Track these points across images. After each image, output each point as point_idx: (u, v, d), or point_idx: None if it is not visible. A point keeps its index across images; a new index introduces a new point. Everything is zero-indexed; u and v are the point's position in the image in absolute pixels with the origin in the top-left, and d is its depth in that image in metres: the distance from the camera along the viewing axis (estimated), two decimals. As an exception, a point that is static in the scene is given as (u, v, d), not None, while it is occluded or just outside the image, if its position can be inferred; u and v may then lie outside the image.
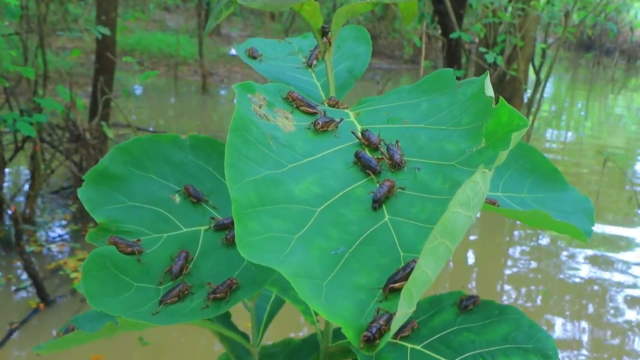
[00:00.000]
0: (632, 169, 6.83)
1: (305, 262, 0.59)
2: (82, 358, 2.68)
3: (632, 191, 5.84)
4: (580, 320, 3.44)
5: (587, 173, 6.42)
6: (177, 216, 0.92)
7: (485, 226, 4.91)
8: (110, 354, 2.73)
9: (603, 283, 3.90)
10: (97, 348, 2.75)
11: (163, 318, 0.79)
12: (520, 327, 0.99)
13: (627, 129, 9.31)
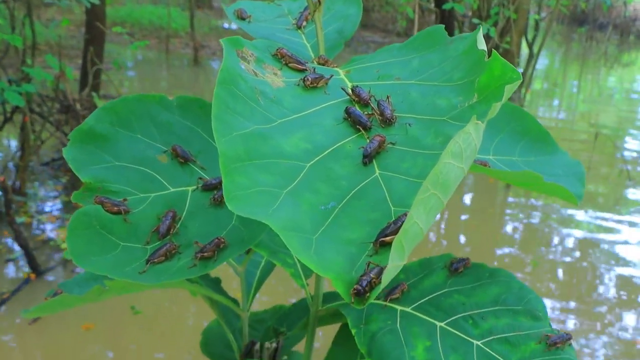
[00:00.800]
0: (622, 143, 6.84)
1: (295, 217, 0.58)
2: (73, 328, 2.67)
3: (622, 165, 5.85)
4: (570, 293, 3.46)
5: (579, 148, 6.42)
6: (165, 176, 0.90)
7: (477, 199, 4.92)
8: (102, 323, 2.72)
9: (594, 256, 3.92)
10: (88, 317, 2.75)
11: (150, 277, 0.78)
12: (510, 289, 0.99)
13: (619, 104, 9.31)
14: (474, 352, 0.90)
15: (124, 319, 2.77)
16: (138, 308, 2.84)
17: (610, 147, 6.37)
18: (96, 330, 2.67)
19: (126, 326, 2.74)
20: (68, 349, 2.55)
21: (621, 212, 4.79)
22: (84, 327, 2.68)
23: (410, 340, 0.90)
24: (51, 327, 2.66)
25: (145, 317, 2.80)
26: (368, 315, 0.95)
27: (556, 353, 0.91)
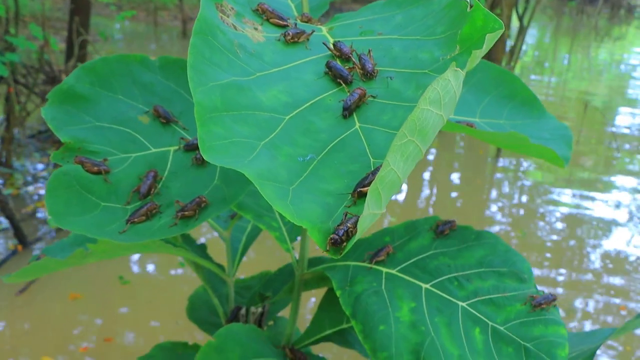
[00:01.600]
0: (612, 116, 6.84)
1: (271, 167, 0.57)
2: (60, 297, 2.66)
3: (611, 136, 5.85)
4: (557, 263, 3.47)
5: (568, 121, 6.41)
6: (146, 137, 0.89)
7: (466, 168, 4.92)
8: (89, 293, 2.71)
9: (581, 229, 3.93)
10: (76, 287, 2.74)
11: (130, 236, 0.77)
12: (496, 252, 0.98)
13: (609, 77, 9.29)
14: (459, 313, 0.89)
15: (112, 289, 2.76)
16: (126, 278, 2.83)
17: (600, 120, 6.37)
18: (84, 300, 2.66)
19: (114, 296, 2.73)
20: (56, 319, 2.55)
21: (609, 186, 4.80)
22: (72, 297, 2.67)
23: (395, 302, 0.89)
24: (39, 298, 2.65)
25: (133, 287, 2.79)
26: (353, 278, 0.95)
27: (541, 314, 0.90)
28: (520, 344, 0.87)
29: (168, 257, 3.09)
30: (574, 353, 1.19)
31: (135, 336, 2.51)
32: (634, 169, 5.25)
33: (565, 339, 0.89)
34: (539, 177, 4.89)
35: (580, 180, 4.88)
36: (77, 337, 2.47)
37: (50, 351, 2.38)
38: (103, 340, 2.46)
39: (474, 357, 0.85)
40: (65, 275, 2.81)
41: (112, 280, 2.82)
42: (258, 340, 1.00)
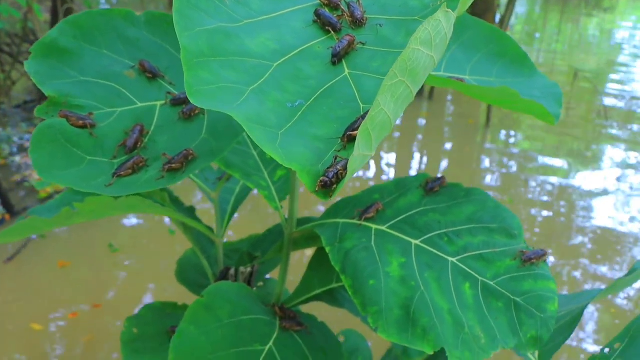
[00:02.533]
0: (602, 87, 6.83)
1: (260, 112, 0.56)
2: (49, 264, 2.66)
3: (601, 106, 5.86)
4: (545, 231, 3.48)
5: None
6: (132, 91, 0.88)
7: (456, 137, 4.91)
8: (78, 260, 2.71)
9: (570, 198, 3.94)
10: (65, 255, 2.73)
11: (117, 189, 0.76)
12: (485, 208, 0.98)
13: (599, 48, 9.28)
14: (449, 268, 0.89)
15: (101, 256, 2.76)
16: (116, 246, 2.82)
17: (590, 90, 6.37)
18: (72, 268, 2.66)
19: (103, 263, 2.72)
20: (44, 286, 2.54)
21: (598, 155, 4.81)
22: (60, 265, 2.67)
23: (384, 257, 0.89)
24: (27, 266, 2.64)
25: (123, 255, 2.79)
26: (342, 234, 0.94)
27: (531, 269, 0.90)
28: (510, 299, 0.87)
29: (158, 225, 3.09)
30: (562, 312, 1.20)
31: (124, 302, 2.51)
32: (623, 138, 5.26)
33: (555, 293, 0.89)
34: (527, 146, 4.89)
35: (569, 150, 4.89)
36: (66, 304, 2.47)
37: (39, 318, 2.38)
38: (92, 307, 2.46)
39: (464, 312, 0.85)
40: (54, 244, 2.81)
41: (101, 247, 2.81)
42: (247, 298, 0.99)
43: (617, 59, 8.56)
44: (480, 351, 0.82)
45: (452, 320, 0.83)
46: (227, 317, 0.94)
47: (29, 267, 2.64)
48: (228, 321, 0.94)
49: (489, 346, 0.83)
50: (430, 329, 0.81)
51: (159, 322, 1.12)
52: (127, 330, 1.09)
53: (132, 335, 1.09)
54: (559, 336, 1.12)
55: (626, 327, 1.02)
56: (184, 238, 2.57)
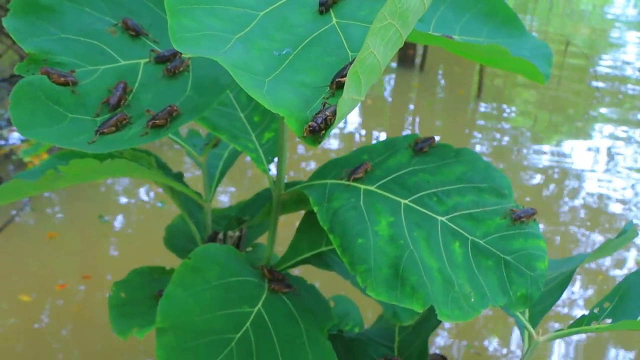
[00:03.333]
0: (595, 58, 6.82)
1: (246, 59, 0.54)
2: (39, 237, 2.64)
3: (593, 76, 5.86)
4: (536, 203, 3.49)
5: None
6: (115, 49, 0.86)
7: (447, 107, 4.91)
8: (67, 231, 2.69)
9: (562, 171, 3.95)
10: (54, 227, 2.72)
11: (100, 146, 0.74)
12: (475, 168, 0.97)
13: (593, 21, 9.26)
14: (438, 227, 0.88)
15: (90, 227, 2.74)
16: (106, 217, 2.81)
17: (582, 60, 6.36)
18: (61, 239, 2.64)
19: (92, 234, 2.71)
20: (33, 259, 2.53)
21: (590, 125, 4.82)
22: (49, 236, 2.65)
23: (373, 217, 0.88)
24: (15, 237, 2.62)
25: (113, 226, 2.77)
26: (331, 194, 0.93)
27: (521, 227, 0.90)
28: (500, 257, 0.86)
29: (148, 197, 3.07)
30: (553, 274, 1.20)
31: (114, 273, 2.50)
32: (615, 110, 5.26)
33: (545, 251, 0.89)
34: (519, 123, 4.89)
35: (561, 118, 4.89)
36: (55, 275, 2.45)
37: (28, 290, 2.37)
38: (82, 278, 2.45)
39: (453, 270, 0.84)
40: (43, 216, 2.79)
41: (91, 219, 2.79)
42: (235, 260, 0.99)
43: (611, 31, 8.54)
44: (470, 309, 0.82)
45: (442, 278, 0.83)
46: (215, 279, 0.94)
47: (17, 239, 2.63)
48: (216, 283, 0.93)
49: (479, 304, 0.82)
50: (419, 287, 0.81)
51: (147, 286, 1.12)
52: (114, 295, 1.08)
53: (120, 300, 1.08)
54: (549, 297, 1.12)
55: (616, 286, 1.02)
56: (174, 210, 2.55)
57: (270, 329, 0.93)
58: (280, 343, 0.93)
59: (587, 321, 0.99)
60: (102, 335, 2.21)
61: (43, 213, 2.81)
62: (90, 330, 2.24)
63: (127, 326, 1.00)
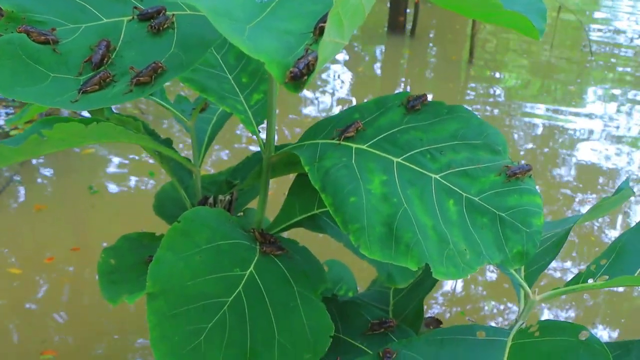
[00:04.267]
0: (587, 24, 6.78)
1: (227, 6, 0.52)
2: (26, 209, 2.62)
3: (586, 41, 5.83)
4: (533, 159, 3.48)
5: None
6: (96, 7, 0.83)
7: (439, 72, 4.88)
8: (55, 203, 2.67)
9: (554, 132, 3.93)
10: (42, 199, 2.70)
11: (83, 104, 0.72)
12: (469, 125, 0.95)
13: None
14: (432, 185, 0.87)
15: (79, 199, 2.72)
16: (95, 188, 2.79)
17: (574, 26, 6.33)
18: (49, 211, 2.62)
19: (81, 205, 2.69)
20: (21, 231, 2.51)
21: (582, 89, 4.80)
22: (37, 208, 2.63)
23: (365, 175, 0.86)
24: (3, 211, 2.60)
25: (102, 197, 2.75)
26: (322, 154, 0.91)
27: (516, 184, 0.88)
28: (495, 214, 0.85)
29: (138, 167, 3.05)
30: (548, 234, 1.19)
31: (103, 245, 2.48)
32: (608, 74, 5.24)
33: (541, 208, 0.87)
34: (512, 87, 4.86)
35: (554, 83, 4.87)
36: (43, 248, 2.44)
37: (17, 262, 2.35)
38: (70, 250, 2.43)
39: (448, 228, 0.83)
40: (31, 188, 2.77)
41: (80, 191, 2.77)
42: (226, 223, 0.97)
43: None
44: (466, 266, 0.80)
45: (436, 236, 0.81)
46: (205, 242, 0.92)
47: (4, 212, 2.61)
48: (206, 246, 0.92)
49: (474, 261, 0.81)
50: (413, 245, 0.79)
51: (136, 252, 1.10)
52: (103, 262, 1.06)
53: (109, 267, 1.06)
54: (545, 256, 1.11)
55: (612, 243, 1.01)
56: (164, 180, 2.53)
57: (262, 292, 0.92)
58: (273, 306, 0.92)
59: (584, 278, 0.98)
60: (93, 306, 2.21)
61: (31, 186, 2.78)
62: (80, 302, 2.23)
63: (117, 293, 0.98)
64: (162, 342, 0.88)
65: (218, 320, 0.90)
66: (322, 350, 0.92)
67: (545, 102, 4.49)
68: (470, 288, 2.53)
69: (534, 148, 3.73)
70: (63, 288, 2.26)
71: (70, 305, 2.22)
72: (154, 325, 0.88)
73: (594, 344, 0.76)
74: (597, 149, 3.77)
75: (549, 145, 3.80)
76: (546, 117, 4.18)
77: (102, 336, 2.10)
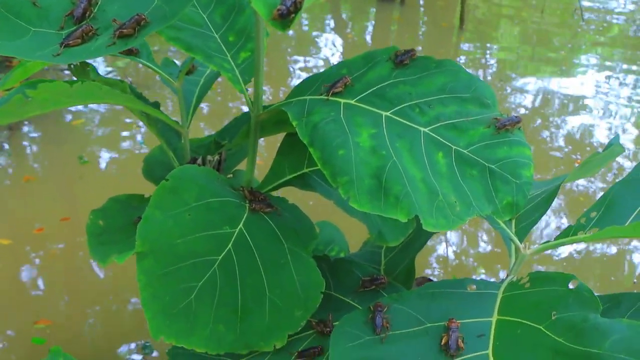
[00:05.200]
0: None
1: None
2: (15, 181, 2.60)
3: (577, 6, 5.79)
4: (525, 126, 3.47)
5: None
6: (77, -40, 0.82)
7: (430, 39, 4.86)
8: (45, 174, 2.66)
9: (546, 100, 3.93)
10: (31, 170, 2.68)
11: (65, 58, 0.71)
12: (458, 78, 0.94)
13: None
14: (421, 138, 0.86)
15: (68, 170, 2.70)
16: (85, 158, 2.77)
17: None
18: (39, 182, 2.61)
19: (70, 176, 2.67)
20: (10, 202, 2.49)
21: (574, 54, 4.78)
22: (25, 179, 2.61)
23: (354, 129, 0.86)
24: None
25: (92, 167, 2.74)
26: (310, 109, 0.91)
27: (505, 136, 0.88)
28: (485, 166, 0.85)
29: (129, 136, 3.03)
30: (538, 191, 1.19)
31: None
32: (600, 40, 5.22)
33: (530, 159, 0.87)
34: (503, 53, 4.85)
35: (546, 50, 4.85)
36: (33, 219, 2.43)
37: (5, 234, 2.34)
38: (60, 220, 2.42)
39: (437, 180, 0.82)
40: (19, 159, 2.75)
41: (70, 161, 2.75)
42: (215, 181, 0.96)
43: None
44: (455, 218, 0.80)
45: (426, 188, 0.81)
46: (194, 200, 0.91)
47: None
48: (195, 204, 0.91)
49: (464, 213, 0.81)
50: (403, 197, 0.79)
51: (125, 213, 1.09)
52: (92, 223, 1.06)
53: (98, 228, 1.06)
54: (535, 212, 1.10)
55: (602, 196, 1.01)
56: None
57: (253, 249, 0.92)
58: (264, 263, 0.92)
59: (574, 231, 0.98)
60: (84, 275, 2.20)
61: (20, 157, 2.77)
62: (72, 271, 2.22)
63: (106, 253, 0.98)
64: (153, 302, 0.88)
65: (208, 279, 0.90)
66: (313, 307, 0.92)
67: (536, 67, 4.48)
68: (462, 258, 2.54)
69: (526, 114, 3.72)
70: (54, 258, 2.26)
71: (62, 274, 2.21)
72: (144, 285, 0.88)
73: (583, 292, 0.76)
74: (588, 114, 3.77)
75: (540, 111, 3.79)
76: (538, 83, 4.17)
77: (95, 304, 2.10)
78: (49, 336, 1.96)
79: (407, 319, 0.81)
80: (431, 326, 0.80)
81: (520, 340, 0.74)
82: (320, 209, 1.05)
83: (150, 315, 0.88)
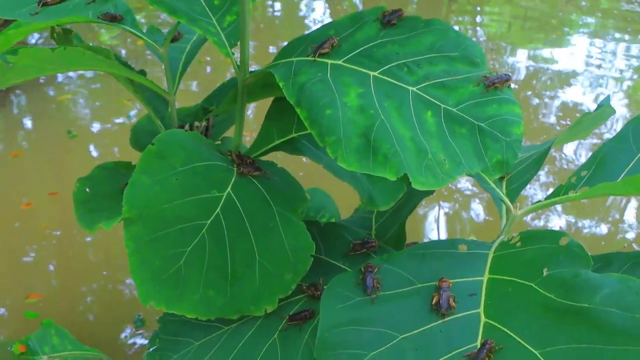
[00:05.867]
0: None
1: None
2: (2, 156, 2.58)
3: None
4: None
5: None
6: None
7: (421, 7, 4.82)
8: (32, 149, 2.64)
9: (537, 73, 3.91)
10: (18, 145, 2.66)
11: (43, 16, 0.70)
12: (446, 37, 0.93)
13: None
14: (409, 97, 0.85)
15: (56, 145, 2.68)
16: (74, 132, 2.75)
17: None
18: (26, 157, 2.59)
19: (59, 150, 2.65)
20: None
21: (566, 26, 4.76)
22: (13, 155, 2.59)
23: (341, 89, 0.84)
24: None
25: (81, 141, 2.71)
26: (297, 70, 0.89)
27: (495, 94, 0.86)
28: (474, 124, 0.84)
29: (119, 109, 3.00)
30: (528, 153, 1.18)
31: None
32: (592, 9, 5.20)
33: (520, 117, 0.86)
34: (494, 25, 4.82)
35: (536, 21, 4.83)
36: (20, 195, 2.41)
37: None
38: (48, 195, 2.41)
39: (426, 139, 0.81)
40: (7, 135, 2.73)
41: (58, 136, 2.73)
42: (202, 145, 0.95)
43: None
44: (445, 176, 0.79)
45: (415, 147, 0.80)
46: (180, 165, 0.90)
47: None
48: (182, 168, 0.90)
49: (454, 171, 0.80)
50: (392, 155, 0.78)
51: (113, 180, 1.08)
52: (78, 190, 1.04)
53: (85, 195, 1.05)
54: (526, 173, 1.10)
55: (593, 154, 1.00)
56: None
57: (241, 213, 0.91)
58: (253, 227, 0.91)
59: (564, 190, 0.97)
60: (74, 249, 2.19)
61: (6, 133, 2.74)
62: (61, 245, 2.21)
63: (93, 220, 0.97)
64: (141, 268, 0.88)
65: (197, 243, 0.89)
66: (304, 270, 0.91)
67: (528, 37, 4.46)
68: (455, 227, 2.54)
69: (515, 88, 3.71)
70: (43, 232, 2.25)
71: (51, 249, 2.20)
72: (132, 251, 0.87)
73: (574, 248, 0.75)
74: (579, 85, 3.76)
75: (531, 83, 3.78)
76: (529, 55, 4.16)
77: (86, 277, 2.10)
78: (42, 310, 1.96)
79: (398, 280, 0.81)
80: (422, 286, 0.79)
81: (512, 298, 0.74)
82: (310, 180, 1.04)
83: (139, 282, 0.87)
